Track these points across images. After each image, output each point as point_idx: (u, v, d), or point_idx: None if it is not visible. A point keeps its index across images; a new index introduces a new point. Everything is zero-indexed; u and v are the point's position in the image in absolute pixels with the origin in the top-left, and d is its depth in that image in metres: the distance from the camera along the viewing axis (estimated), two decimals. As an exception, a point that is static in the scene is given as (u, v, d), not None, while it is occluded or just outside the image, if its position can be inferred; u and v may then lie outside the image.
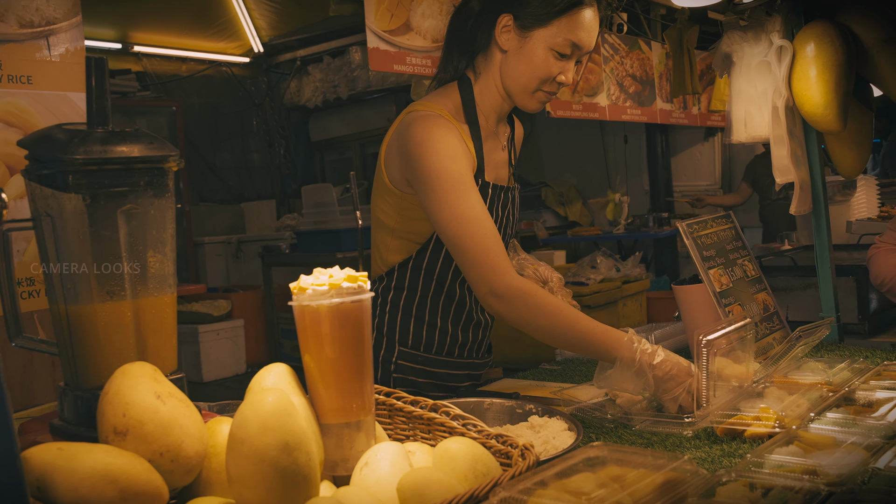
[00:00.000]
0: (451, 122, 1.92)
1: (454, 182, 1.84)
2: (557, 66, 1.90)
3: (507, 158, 2.13)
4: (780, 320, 2.35)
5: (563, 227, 7.66)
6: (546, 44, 1.87)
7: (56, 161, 1.10)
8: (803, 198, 2.45)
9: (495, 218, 2.02)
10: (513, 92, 1.96)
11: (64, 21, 2.14)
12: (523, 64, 1.91)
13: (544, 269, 2.14)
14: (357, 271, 1.17)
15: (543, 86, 1.93)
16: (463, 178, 1.85)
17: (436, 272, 2.01)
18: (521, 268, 2.16)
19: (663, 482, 0.99)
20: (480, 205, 1.84)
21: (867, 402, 1.66)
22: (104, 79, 1.16)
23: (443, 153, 1.86)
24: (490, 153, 2.03)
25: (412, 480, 1.02)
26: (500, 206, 2.04)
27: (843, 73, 2.28)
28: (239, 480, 0.98)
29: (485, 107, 2.01)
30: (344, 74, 8.12)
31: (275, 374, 1.17)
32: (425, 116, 1.92)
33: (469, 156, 1.91)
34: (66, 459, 0.92)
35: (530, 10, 1.88)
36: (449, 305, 2.05)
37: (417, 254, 2.00)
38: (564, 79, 1.90)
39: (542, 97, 1.95)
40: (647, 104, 4.58)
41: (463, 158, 1.87)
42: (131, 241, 1.15)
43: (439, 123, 1.90)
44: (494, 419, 1.77)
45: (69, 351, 1.15)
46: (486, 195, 1.98)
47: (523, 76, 1.92)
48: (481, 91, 2.00)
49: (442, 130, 1.88)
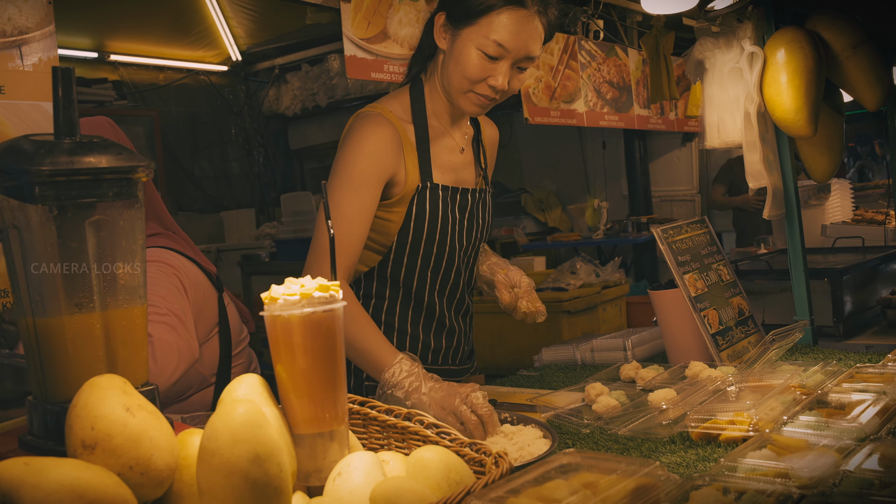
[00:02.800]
0: (388, 122, 1.93)
1: (345, 180, 1.86)
2: (486, 68, 1.88)
3: (472, 160, 2.13)
4: (755, 324, 2.36)
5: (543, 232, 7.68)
6: (473, 43, 1.86)
7: (22, 172, 1.09)
8: (776, 202, 2.48)
9: (452, 220, 2.01)
10: (448, 92, 1.96)
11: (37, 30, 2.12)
12: (453, 63, 1.91)
13: (514, 273, 2.14)
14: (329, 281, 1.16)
15: (475, 87, 1.91)
16: (359, 178, 1.87)
17: (401, 279, 2.01)
18: (491, 272, 2.15)
19: (635, 488, 1.00)
20: (357, 207, 1.86)
21: (840, 405, 1.67)
22: (71, 89, 1.15)
23: (352, 152, 1.89)
24: (442, 155, 2.03)
25: (385, 490, 1.02)
26: (456, 208, 2.03)
27: (814, 79, 2.30)
28: (210, 493, 0.97)
29: (435, 108, 2.03)
30: (322, 82, 8.11)
31: (246, 385, 1.16)
32: (364, 115, 1.95)
33: (391, 159, 1.91)
34: (32, 474, 0.91)
35: (459, 8, 1.88)
36: (419, 313, 2.05)
37: (381, 263, 2.00)
38: (494, 83, 1.88)
39: (475, 99, 1.92)
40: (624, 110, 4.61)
41: (373, 160, 1.88)
42: (100, 252, 1.14)
43: (373, 121, 1.92)
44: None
45: (38, 364, 1.14)
46: (437, 197, 1.98)
47: (454, 76, 1.91)
48: (430, 92, 2.02)
49: (369, 128, 1.90)
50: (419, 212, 1.97)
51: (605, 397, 1.87)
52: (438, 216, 1.98)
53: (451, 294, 2.10)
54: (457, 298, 2.12)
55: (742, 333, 2.28)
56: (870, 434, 1.46)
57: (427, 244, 1.99)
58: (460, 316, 2.15)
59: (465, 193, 2.05)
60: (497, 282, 2.12)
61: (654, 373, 2.07)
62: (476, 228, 2.09)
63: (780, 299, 2.77)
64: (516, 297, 2.10)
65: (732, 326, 2.25)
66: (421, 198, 1.96)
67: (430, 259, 2.01)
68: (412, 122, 1.98)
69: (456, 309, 2.13)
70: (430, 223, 1.98)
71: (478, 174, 2.15)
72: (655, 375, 2.04)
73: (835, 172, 2.63)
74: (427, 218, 1.97)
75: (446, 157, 2.04)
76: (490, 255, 2.22)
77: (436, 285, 2.05)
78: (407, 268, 2.00)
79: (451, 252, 2.04)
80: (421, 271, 2.02)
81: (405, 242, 1.99)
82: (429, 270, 2.02)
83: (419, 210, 1.97)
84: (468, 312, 2.20)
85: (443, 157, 2.03)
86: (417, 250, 2.01)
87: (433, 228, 1.99)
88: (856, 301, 2.81)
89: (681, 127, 5.17)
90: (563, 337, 4.52)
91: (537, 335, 4.74)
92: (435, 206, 1.98)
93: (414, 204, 1.96)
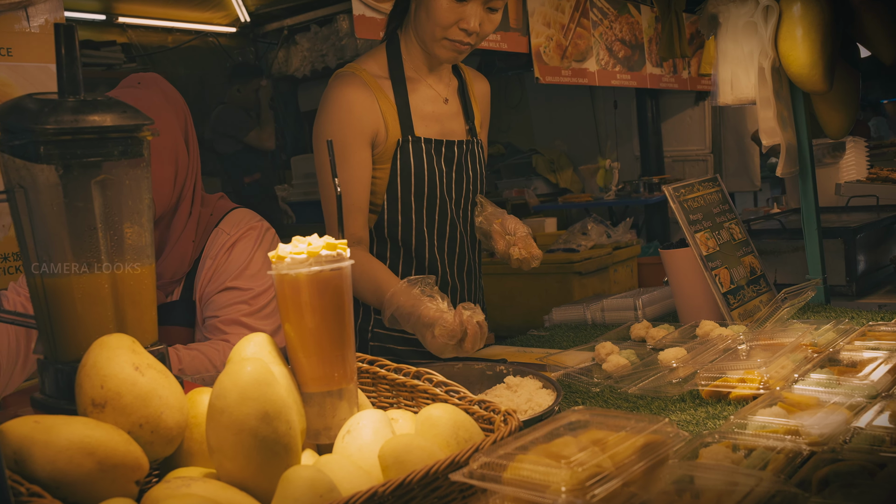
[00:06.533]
0: (362, 81, 1.96)
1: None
2: (456, 11, 1.87)
3: (460, 111, 2.11)
4: (767, 283, 2.35)
5: (555, 194, 7.63)
6: None
7: (27, 131, 1.08)
8: (789, 160, 2.44)
9: (439, 172, 2.01)
10: (423, 41, 1.97)
11: (42, -8, 2.11)
12: (424, 11, 1.91)
13: (510, 221, 2.07)
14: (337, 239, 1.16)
15: (447, 33, 1.90)
16: (343, 142, 1.91)
17: (399, 238, 2.01)
18: (487, 223, 2.11)
19: (644, 444, 0.99)
20: (349, 171, 1.93)
21: (851, 363, 1.66)
22: (74, 47, 1.14)
23: (331, 116, 1.94)
24: (423, 106, 2.03)
25: (393, 447, 1.02)
26: (441, 161, 2.02)
27: (830, 33, 2.26)
28: (219, 450, 0.98)
29: (412, 60, 2.03)
30: (332, 43, 8.03)
31: (255, 344, 1.16)
32: (339, 76, 1.99)
33: (369, 117, 1.95)
34: (42, 432, 0.91)
35: None
36: (421, 271, 2.04)
37: (377, 224, 2.01)
38: (467, 25, 1.87)
39: (450, 45, 1.92)
40: (636, 69, 4.55)
41: (352, 122, 1.92)
42: (106, 211, 1.13)
43: (347, 83, 1.95)
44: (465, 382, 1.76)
45: (48, 324, 1.14)
46: (421, 150, 1.99)
47: (426, 24, 1.91)
48: (406, 45, 2.03)
49: (343, 90, 1.94)
50: (403, 166, 1.97)
51: (615, 356, 1.87)
52: (424, 169, 1.98)
53: (450, 250, 2.09)
54: (457, 254, 2.11)
55: (753, 292, 2.26)
56: (881, 391, 1.46)
57: (417, 198, 1.99)
58: (464, 274, 2.14)
59: (451, 145, 2.03)
60: (493, 231, 2.08)
61: (664, 332, 2.06)
62: (467, 180, 2.08)
63: (792, 258, 2.75)
64: (509, 245, 2.07)
65: (744, 285, 2.24)
66: (403, 152, 1.97)
67: (423, 213, 2.01)
68: (389, 77, 1.98)
69: (458, 267, 2.12)
70: (416, 176, 1.99)
71: (466, 126, 2.12)
72: (666, 335, 2.04)
73: (850, 129, 2.58)
74: (413, 171, 1.98)
75: (429, 107, 2.04)
76: (486, 206, 2.18)
77: (434, 241, 2.05)
78: (403, 226, 2.01)
79: (442, 205, 2.03)
80: (417, 228, 2.02)
81: (395, 199, 2.00)
82: (424, 226, 2.03)
83: (403, 164, 1.97)
84: (472, 271, 2.18)
85: (425, 108, 2.03)
86: (409, 206, 2.01)
87: (420, 181, 1.99)
88: (869, 260, 2.79)
89: (694, 86, 5.10)
90: (574, 298, 4.52)
91: (548, 296, 4.73)
92: (419, 158, 1.98)
93: (398, 159, 1.97)
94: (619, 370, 1.82)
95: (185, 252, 1.87)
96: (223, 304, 1.86)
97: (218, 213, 1.94)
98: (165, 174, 1.81)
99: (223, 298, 1.86)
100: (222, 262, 1.87)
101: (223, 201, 2.00)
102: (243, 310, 1.85)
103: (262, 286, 1.88)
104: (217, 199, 1.99)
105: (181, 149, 1.85)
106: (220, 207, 1.96)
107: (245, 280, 1.87)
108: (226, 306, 1.86)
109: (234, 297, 1.86)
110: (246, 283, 1.86)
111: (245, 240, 1.90)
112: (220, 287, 1.86)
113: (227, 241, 1.89)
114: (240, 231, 1.91)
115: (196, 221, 1.89)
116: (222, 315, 1.85)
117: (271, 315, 1.89)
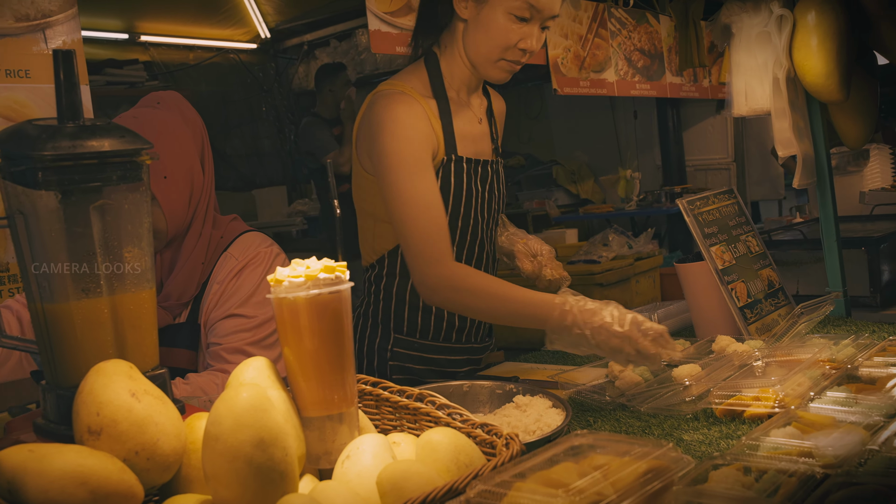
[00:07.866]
0: (413, 99, 1.90)
1: (406, 164, 1.82)
2: (518, 31, 1.84)
3: (488, 132, 2.09)
4: (786, 296, 2.31)
5: (575, 204, 7.58)
6: (503, 8, 1.82)
7: (26, 158, 1.09)
8: (806, 171, 2.40)
9: (475, 193, 1.99)
10: (476, 62, 1.92)
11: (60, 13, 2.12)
12: (482, 32, 1.86)
13: (534, 241, 2.09)
14: (336, 261, 1.15)
15: (506, 54, 1.88)
16: (417, 161, 1.83)
17: None
18: (510, 243, 2.11)
19: (647, 470, 0.97)
20: (431, 190, 1.83)
21: (870, 379, 1.62)
22: (73, 72, 1.14)
23: (399, 134, 1.84)
24: (463, 126, 2.00)
25: (391, 474, 1.00)
26: (478, 181, 2.00)
27: (845, 42, 2.22)
28: (214, 478, 0.97)
29: (454, 80, 1.99)
30: (351, 57, 8.08)
31: (254, 369, 1.15)
32: (387, 95, 1.91)
33: (430, 135, 1.89)
34: (36, 461, 0.91)
35: None
36: None
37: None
38: (527, 45, 1.85)
39: (506, 66, 1.90)
40: (656, 78, 4.51)
41: (420, 140, 1.85)
42: (106, 236, 1.13)
43: (400, 101, 1.88)
44: (474, 402, 1.75)
45: (48, 349, 1.14)
46: (462, 170, 1.95)
47: (483, 45, 1.87)
48: (448, 64, 1.98)
49: (401, 108, 1.87)
50: (444, 185, 1.94)
51: (628, 373, 1.83)
52: (463, 189, 1.96)
53: (477, 268, 2.07)
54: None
55: (772, 306, 2.22)
56: (900, 410, 1.42)
57: (452, 218, 1.96)
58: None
59: (486, 165, 2.02)
60: (517, 251, 2.08)
61: (680, 347, 2.03)
62: (494, 200, 2.07)
63: (814, 269, 2.70)
64: (540, 266, 2.07)
65: (761, 299, 2.20)
66: (446, 171, 1.94)
67: (456, 233, 1.98)
68: (433, 96, 1.95)
69: None
70: (454, 196, 1.95)
71: (493, 145, 2.11)
72: (681, 350, 2.00)
73: (869, 138, 2.54)
74: (452, 191, 1.95)
75: (468, 128, 2.01)
76: (508, 225, 2.18)
77: (461, 260, 2.03)
78: None
79: (474, 225, 2.01)
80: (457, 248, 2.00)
81: None
82: (455, 245, 2.00)
83: (444, 183, 1.94)
84: None
85: (465, 129, 2.00)
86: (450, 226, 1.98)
87: (458, 202, 1.96)
88: (893, 270, 2.73)
89: (714, 94, 5.04)
90: (594, 310, 4.46)
91: (568, 309, 4.68)
92: (460, 178, 1.95)
93: (439, 177, 1.94)
94: (632, 387, 1.79)
95: (193, 273, 1.86)
96: (227, 332, 1.85)
97: (229, 235, 1.94)
98: (181, 195, 1.81)
99: (227, 326, 1.85)
100: (229, 287, 1.87)
101: (236, 223, 2.00)
102: (246, 338, 1.84)
103: (267, 314, 1.86)
104: (229, 220, 1.99)
105: (196, 170, 1.85)
106: (232, 230, 1.96)
107: (250, 308, 1.86)
108: (229, 334, 1.84)
109: (238, 325, 1.85)
110: (251, 310, 1.85)
111: (252, 266, 1.89)
112: (225, 313, 1.85)
113: (235, 266, 1.88)
114: (248, 257, 1.90)
115: (206, 243, 1.89)
116: (225, 343, 1.84)
117: (275, 345, 1.87)
